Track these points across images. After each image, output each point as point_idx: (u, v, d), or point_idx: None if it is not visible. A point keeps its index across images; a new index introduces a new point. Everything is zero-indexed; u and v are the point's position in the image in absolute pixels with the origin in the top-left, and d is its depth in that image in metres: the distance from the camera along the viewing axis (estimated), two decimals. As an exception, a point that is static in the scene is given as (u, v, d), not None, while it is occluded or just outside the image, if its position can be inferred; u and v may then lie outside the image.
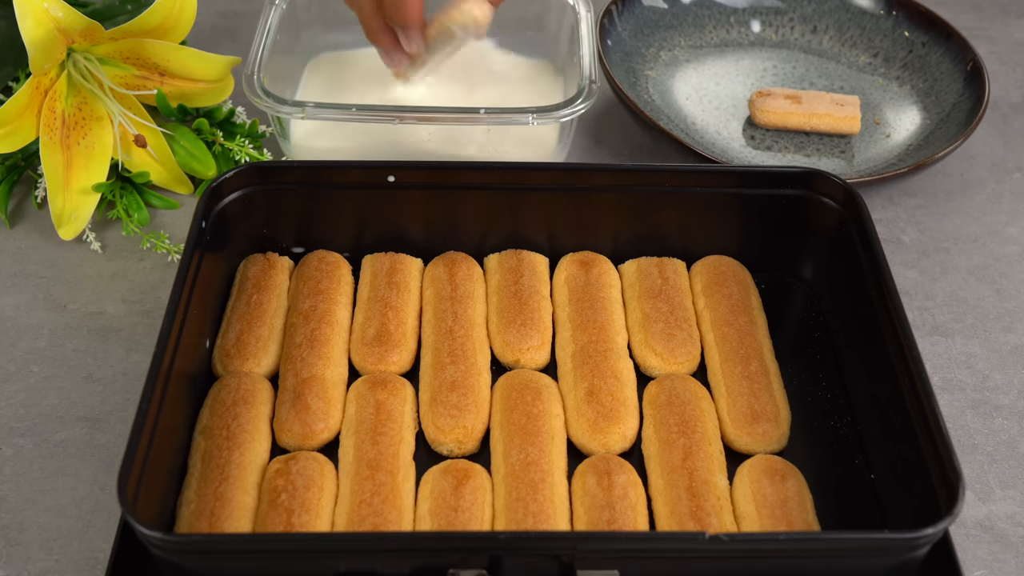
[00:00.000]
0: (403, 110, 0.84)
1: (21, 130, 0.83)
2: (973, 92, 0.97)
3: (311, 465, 0.69)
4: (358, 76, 0.98)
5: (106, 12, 0.98)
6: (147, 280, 0.86)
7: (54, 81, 0.84)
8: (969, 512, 0.73)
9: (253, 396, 0.73)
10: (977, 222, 0.94)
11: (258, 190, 0.80)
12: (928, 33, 1.04)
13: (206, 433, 0.70)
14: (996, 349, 0.83)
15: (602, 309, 0.79)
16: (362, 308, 0.79)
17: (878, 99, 1.03)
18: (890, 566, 0.63)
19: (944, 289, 0.88)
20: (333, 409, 0.73)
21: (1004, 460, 0.76)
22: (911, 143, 0.98)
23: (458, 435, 0.72)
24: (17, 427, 0.76)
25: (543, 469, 0.69)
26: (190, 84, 0.91)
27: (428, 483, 0.69)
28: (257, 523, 0.67)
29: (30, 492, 0.72)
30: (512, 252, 0.83)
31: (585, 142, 1.00)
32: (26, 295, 0.84)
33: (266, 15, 0.93)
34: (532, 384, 0.74)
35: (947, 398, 0.80)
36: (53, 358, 0.80)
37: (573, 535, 0.65)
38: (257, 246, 0.83)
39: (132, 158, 0.89)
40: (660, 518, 0.68)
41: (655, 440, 0.71)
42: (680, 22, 1.07)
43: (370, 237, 0.83)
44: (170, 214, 0.92)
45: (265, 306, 0.78)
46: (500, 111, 0.84)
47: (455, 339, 0.76)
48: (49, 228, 0.88)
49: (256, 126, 0.93)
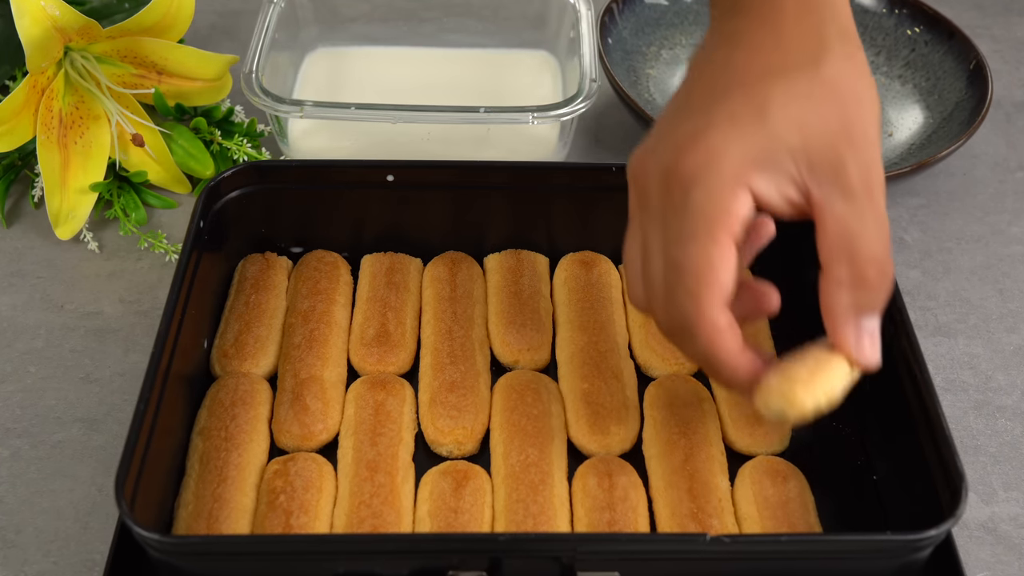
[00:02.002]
0: (402, 109, 0.84)
1: (18, 129, 0.83)
2: (976, 91, 0.97)
3: (310, 466, 0.69)
4: (357, 73, 0.98)
5: (103, 10, 0.98)
6: (145, 280, 0.86)
7: (51, 80, 0.83)
8: (972, 514, 0.73)
9: (251, 397, 0.72)
10: (980, 222, 0.94)
11: (256, 189, 0.80)
12: (931, 31, 1.03)
13: (204, 434, 0.70)
14: (999, 350, 0.83)
15: (603, 309, 0.78)
16: (361, 308, 0.79)
17: (880, 98, 1.02)
18: (892, 568, 0.63)
19: (947, 289, 0.88)
20: (332, 410, 0.73)
21: (1007, 461, 0.76)
22: (913, 142, 0.97)
23: (458, 436, 0.71)
24: (14, 428, 0.75)
25: (543, 470, 0.68)
26: (188, 83, 0.90)
27: (428, 484, 0.68)
28: (256, 524, 0.66)
29: (27, 494, 0.72)
30: (512, 252, 0.83)
31: (585, 141, 1.00)
32: (23, 295, 0.84)
33: (265, 13, 0.92)
34: (532, 385, 0.74)
35: (950, 399, 0.79)
36: (50, 358, 0.80)
37: (573, 537, 0.64)
38: (256, 246, 0.82)
39: (130, 157, 0.89)
40: (661, 519, 0.67)
41: (656, 441, 0.71)
42: (681, 20, 1.07)
43: (369, 237, 0.83)
44: (168, 213, 0.91)
45: (264, 306, 0.78)
46: (500, 110, 0.84)
47: (455, 339, 0.76)
48: (46, 228, 0.87)
49: (254, 125, 0.93)
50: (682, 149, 0.56)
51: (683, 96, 0.60)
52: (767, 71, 0.56)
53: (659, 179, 0.57)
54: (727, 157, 0.55)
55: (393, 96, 0.88)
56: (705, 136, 0.55)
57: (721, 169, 0.55)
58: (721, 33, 0.60)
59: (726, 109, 0.56)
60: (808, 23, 0.58)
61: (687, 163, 0.55)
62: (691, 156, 0.55)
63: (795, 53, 0.57)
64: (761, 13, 0.58)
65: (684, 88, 0.61)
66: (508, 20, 1.01)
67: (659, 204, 0.57)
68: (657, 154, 0.58)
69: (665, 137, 0.58)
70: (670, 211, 0.56)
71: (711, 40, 0.61)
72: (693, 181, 0.55)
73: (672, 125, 0.58)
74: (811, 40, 0.57)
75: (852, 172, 0.55)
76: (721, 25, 0.61)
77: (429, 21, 1.01)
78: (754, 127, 0.55)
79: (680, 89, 0.61)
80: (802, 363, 0.57)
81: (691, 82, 0.60)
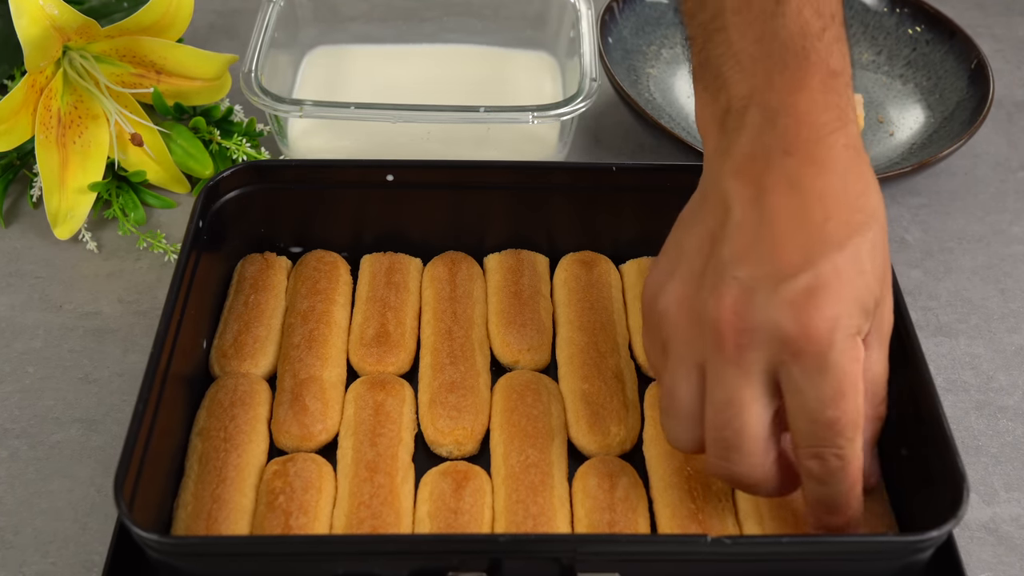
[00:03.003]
0: (402, 108, 0.84)
1: (16, 129, 0.82)
2: (977, 90, 0.96)
3: (309, 467, 0.68)
4: (356, 73, 0.97)
5: (102, 9, 0.97)
6: (144, 280, 0.85)
7: (50, 79, 0.83)
8: (973, 514, 0.72)
9: (251, 397, 0.72)
10: (981, 221, 0.93)
11: (256, 189, 0.79)
12: (932, 31, 1.03)
13: (203, 435, 0.70)
14: (1001, 350, 0.83)
15: (603, 309, 0.78)
16: (361, 308, 0.79)
17: (881, 97, 1.02)
18: (894, 569, 0.62)
19: (948, 289, 0.87)
20: (331, 410, 0.73)
21: (1009, 462, 0.76)
22: (915, 142, 0.97)
23: (458, 436, 0.71)
24: (12, 428, 0.75)
25: (543, 471, 0.68)
26: (187, 82, 0.90)
27: (427, 485, 0.68)
28: (255, 525, 0.66)
29: (25, 494, 0.72)
30: (512, 252, 0.82)
31: (585, 141, 0.99)
32: (21, 295, 0.84)
33: (264, 12, 0.92)
34: (532, 385, 0.73)
35: (951, 399, 0.79)
36: (48, 359, 0.80)
37: (573, 537, 0.64)
38: (255, 246, 0.82)
39: (128, 157, 0.89)
40: (661, 520, 0.67)
41: (657, 442, 0.71)
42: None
43: (369, 237, 0.83)
44: (167, 213, 0.91)
45: (263, 306, 0.78)
46: (500, 109, 0.84)
47: (454, 339, 0.76)
48: (45, 227, 0.87)
49: (254, 124, 0.93)
50: (803, 308, 0.56)
51: (737, 240, 0.58)
52: (855, 227, 0.57)
53: (768, 337, 0.56)
54: (847, 317, 0.56)
55: (393, 96, 0.88)
56: (826, 295, 0.56)
57: (849, 328, 0.57)
58: (773, 169, 0.58)
59: (830, 264, 0.56)
60: (860, 168, 0.59)
61: (816, 325, 0.56)
62: (817, 317, 0.56)
63: (862, 200, 0.59)
64: (815, 157, 0.58)
65: (732, 230, 0.58)
66: (508, 19, 1.01)
67: (760, 358, 0.57)
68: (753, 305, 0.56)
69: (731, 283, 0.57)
70: (798, 370, 0.56)
71: (756, 172, 0.59)
72: (830, 344, 0.56)
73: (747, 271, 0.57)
74: (868, 188, 0.59)
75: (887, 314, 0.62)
76: (771, 159, 0.58)
77: (429, 20, 1.01)
78: (856, 281, 0.57)
79: (724, 221, 0.59)
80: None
81: (736, 225, 0.58)
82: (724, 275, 0.58)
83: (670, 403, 0.61)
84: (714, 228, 0.59)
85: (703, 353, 0.58)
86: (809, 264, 0.56)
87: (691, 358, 0.59)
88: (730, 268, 0.58)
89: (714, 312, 0.57)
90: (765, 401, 0.58)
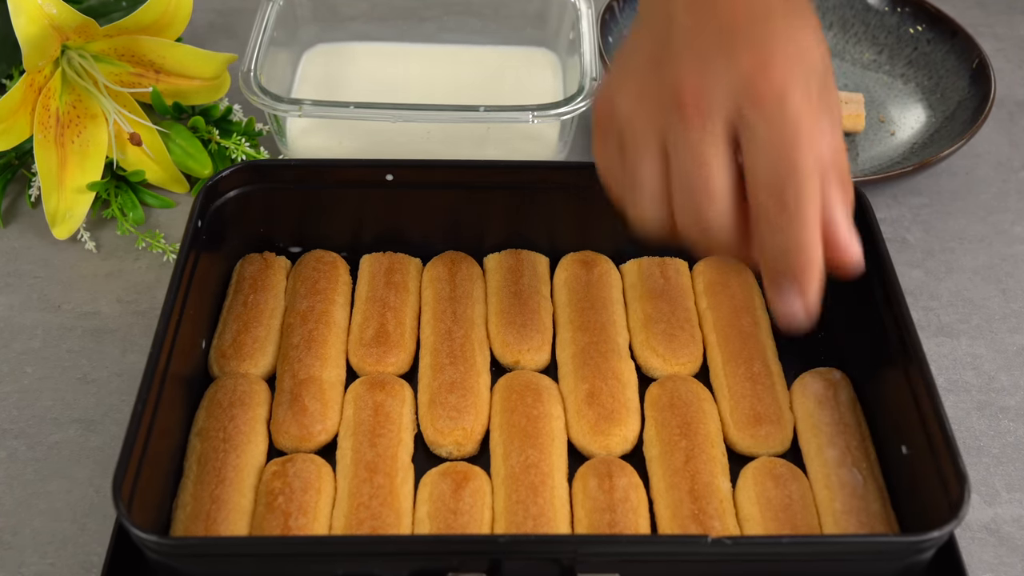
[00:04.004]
0: (401, 108, 0.84)
1: (15, 128, 0.82)
2: (979, 89, 0.96)
3: (308, 467, 0.68)
4: (356, 72, 0.97)
5: (101, 9, 0.97)
6: (142, 280, 0.85)
7: (48, 79, 0.83)
8: (975, 515, 0.72)
9: (250, 398, 0.72)
10: (983, 221, 0.93)
11: (255, 189, 0.79)
12: (933, 30, 1.03)
13: (202, 435, 0.70)
14: (1002, 350, 0.83)
15: (603, 309, 0.78)
16: (360, 308, 0.78)
17: (882, 96, 1.02)
18: (895, 570, 0.62)
19: (949, 289, 0.87)
20: (331, 411, 0.72)
21: (1010, 462, 0.75)
22: (916, 141, 0.97)
23: (457, 437, 0.71)
24: (10, 429, 0.75)
25: (543, 471, 0.68)
26: (186, 81, 0.90)
27: (427, 485, 0.68)
28: (254, 526, 0.66)
29: (24, 495, 0.71)
30: (512, 252, 0.82)
31: (586, 140, 0.99)
32: (20, 295, 0.84)
33: (263, 11, 0.92)
34: (532, 385, 0.73)
35: (952, 399, 0.79)
36: (47, 359, 0.79)
37: (574, 538, 0.64)
38: (254, 245, 0.82)
39: (127, 156, 0.88)
40: (662, 521, 0.67)
41: (657, 442, 0.71)
42: (682, 19, 1.06)
43: (368, 236, 0.83)
44: (166, 213, 0.91)
45: (262, 306, 0.77)
46: (500, 109, 0.84)
47: (454, 340, 0.76)
48: (43, 227, 0.87)
49: (253, 124, 0.93)
50: (759, 59, 0.58)
51: (685, 36, 0.60)
52: (798, 9, 0.60)
53: (728, 91, 0.58)
54: (800, 70, 0.58)
55: (392, 95, 0.88)
56: (781, 49, 0.58)
57: (806, 83, 0.58)
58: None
59: (781, 22, 0.59)
60: None
61: (774, 72, 0.57)
62: (773, 66, 0.58)
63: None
64: None
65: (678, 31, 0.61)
66: (508, 18, 1.00)
67: (721, 116, 0.58)
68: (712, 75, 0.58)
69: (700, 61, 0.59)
70: (758, 116, 0.58)
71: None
72: (788, 90, 0.58)
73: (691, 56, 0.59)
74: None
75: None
76: None
77: (429, 20, 1.01)
78: (804, 42, 0.59)
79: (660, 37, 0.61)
80: None
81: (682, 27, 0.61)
82: (679, 55, 0.60)
83: (634, 186, 0.62)
84: (661, 35, 0.61)
85: (663, 130, 0.60)
86: (759, 25, 0.58)
87: (652, 138, 0.60)
88: (684, 50, 0.60)
89: (673, 82, 0.59)
90: (729, 156, 0.59)
